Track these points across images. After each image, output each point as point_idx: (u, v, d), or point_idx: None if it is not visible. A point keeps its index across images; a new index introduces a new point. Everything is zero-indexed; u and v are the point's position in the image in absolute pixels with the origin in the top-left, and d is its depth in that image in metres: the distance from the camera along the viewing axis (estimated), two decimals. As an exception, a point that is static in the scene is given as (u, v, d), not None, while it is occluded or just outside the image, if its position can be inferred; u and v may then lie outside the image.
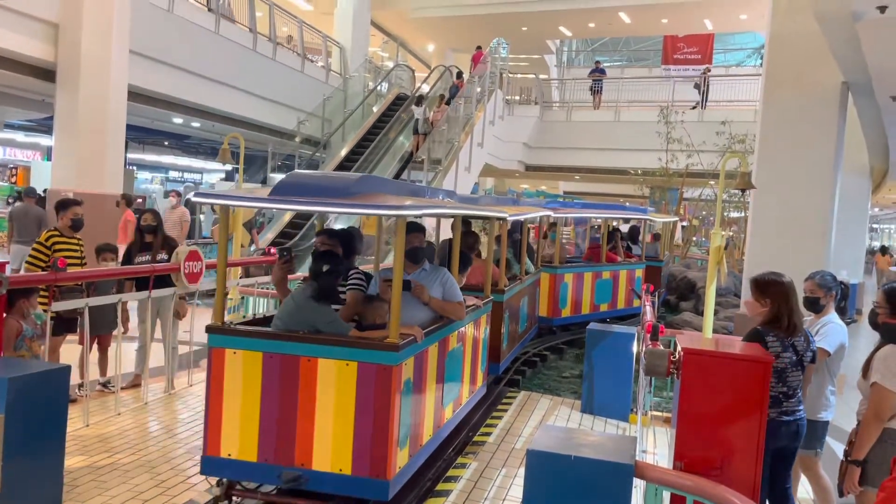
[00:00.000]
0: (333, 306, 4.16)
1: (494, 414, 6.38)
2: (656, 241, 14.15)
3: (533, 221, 9.72)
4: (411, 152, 16.66)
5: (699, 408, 3.40)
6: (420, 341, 4.09)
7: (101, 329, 6.14)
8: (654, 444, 5.79)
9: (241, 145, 7.90)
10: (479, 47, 20.07)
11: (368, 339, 3.85)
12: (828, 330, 4.23)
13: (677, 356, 3.67)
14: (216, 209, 9.73)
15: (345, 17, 20.56)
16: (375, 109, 18.84)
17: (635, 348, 6.42)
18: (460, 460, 5.15)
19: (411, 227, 4.56)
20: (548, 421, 6.31)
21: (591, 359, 6.60)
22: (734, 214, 19.55)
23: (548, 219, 10.33)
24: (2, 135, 21.25)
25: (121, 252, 6.78)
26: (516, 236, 8.56)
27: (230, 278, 7.49)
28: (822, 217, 10.13)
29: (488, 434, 5.80)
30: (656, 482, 3.21)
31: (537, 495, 3.06)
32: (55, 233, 6.15)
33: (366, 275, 4.75)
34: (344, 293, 4.49)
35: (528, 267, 8.64)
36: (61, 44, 11.44)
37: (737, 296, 13.06)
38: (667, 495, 3.35)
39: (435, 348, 4.47)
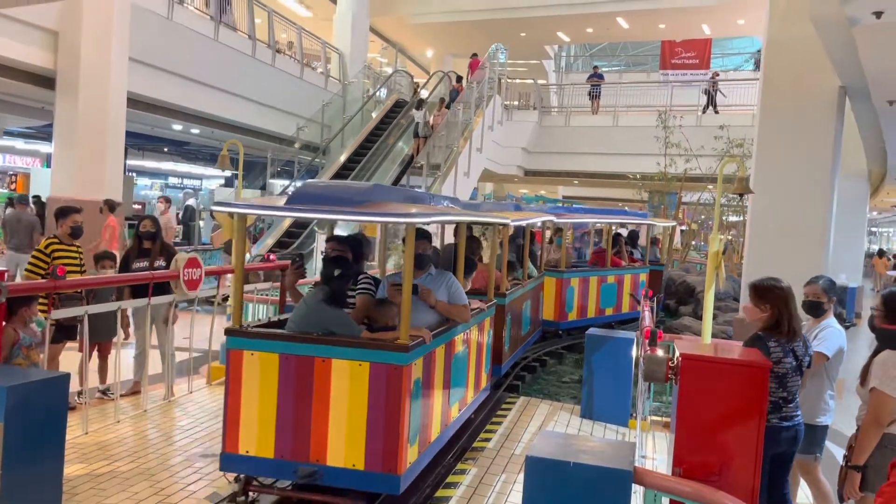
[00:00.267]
0: (344, 309, 4.30)
1: (494, 419, 6.38)
2: (653, 245, 14.17)
3: (535, 226, 9.78)
4: (412, 156, 16.69)
5: (698, 413, 3.41)
6: (428, 343, 4.24)
7: (101, 336, 6.15)
8: (654, 450, 5.79)
9: (241, 152, 7.90)
10: (474, 55, 20.09)
11: (380, 340, 4.01)
12: (826, 334, 4.23)
13: (675, 362, 3.68)
14: (215, 215, 9.69)
15: (344, 24, 20.59)
16: (374, 115, 18.86)
17: (635, 353, 6.42)
18: (460, 466, 5.15)
19: (418, 234, 4.71)
20: (547, 426, 6.31)
21: (591, 364, 6.60)
22: (733, 218, 19.55)
23: (552, 224, 10.40)
24: (1, 142, 21.25)
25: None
26: (519, 241, 8.68)
27: (229, 285, 7.49)
28: (821, 221, 10.14)
29: (488, 440, 5.80)
30: (655, 488, 3.21)
31: (537, 501, 3.07)
32: (55, 240, 6.15)
33: (374, 279, 4.93)
34: (353, 297, 4.63)
35: (530, 271, 8.74)
36: (61, 51, 11.47)
37: (736, 300, 13.06)
38: (666, 501, 3.35)
39: (442, 350, 4.63)
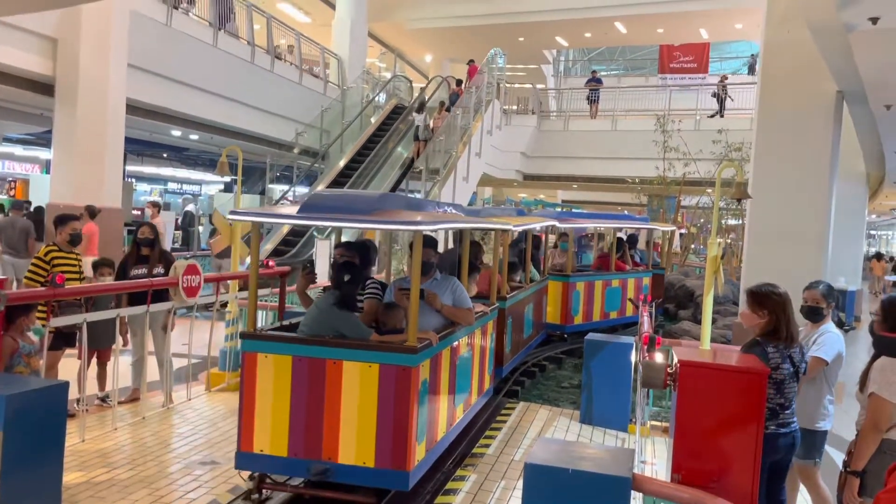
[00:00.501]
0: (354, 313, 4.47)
1: (493, 425, 6.38)
2: (638, 246, 14.21)
3: (535, 231, 9.91)
4: (412, 159, 16.73)
5: (696, 420, 3.41)
6: (435, 345, 4.39)
7: (99, 343, 6.14)
8: (654, 455, 5.78)
9: (240, 158, 7.91)
10: (471, 61, 20.13)
11: (389, 342, 4.19)
12: (825, 339, 4.24)
13: (674, 368, 3.68)
14: (214, 222, 9.70)
15: (342, 29, 20.61)
16: (373, 120, 18.89)
17: (634, 358, 6.42)
18: (459, 473, 5.14)
19: (425, 242, 4.87)
20: (547, 432, 6.31)
21: (590, 369, 6.60)
22: (732, 222, 19.57)
23: (555, 229, 10.56)
24: (1, 148, 21.27)
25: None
26: (522, 246, 8.82)
27: (230, 291, 7.49)
28: (819, 225, 10.15)
29: (487, 446, 5.79)
30: (654, 495, 3.21)
31: (536, 508, 3.06)
32: (54, 248, 6.15)
33: (381, 284, 5.11)
34: (361, 301, 4.78)
35: (533, 275, 8.87)
36: (60, 58, 11.48)
37: (735, 304, 13.06)
38: (665, 508, 3.35)
39: (448, 352, 4.80)
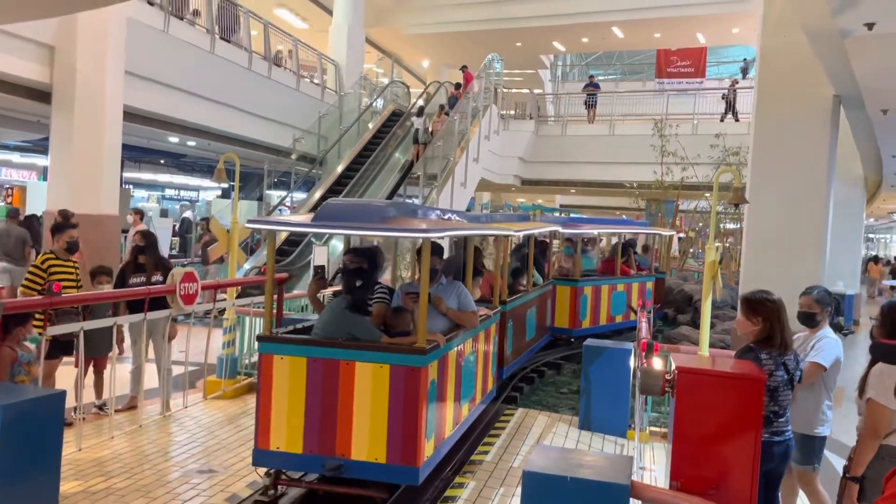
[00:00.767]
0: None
1: (492, 432, 6.36)
2: (645, 252, 14.24)
3: (543, 236, 10.20)
4: (411, 161, 16.76)
5: (694, 427, 3.39)
6: (442, 346, 4.59)
7: (97, 352, 6.11)
8: (653, 461, 5.77)
9: (237, 164, 7.91)
10: (464, 67, 20.13)
11: (399, 344, 4.40)
12: (823, 345, 4.23)
13: (672, 375, 3.67)
14: (211, 229, 9.69)
15: (339, 35, 20.64)
16: (371, 126, 18.90)
17: (632, 364, 6.41)
18: (458, 480, 5.13)
19: (432, 249, 5.03)
20: (546, 438, 6.29)
21: (589, 375, 6.59)
22: (730, 226, 19.58)
23: (559, 234, 10.67)
24: (-2, 155, 21.28)
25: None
26: (524, 251, 8.96)
27: (228, 298, 7.48)
28: (817, 229, 10.15)
29: (486, 452, 5.78)
30: (653, 502, 3.20)
31: (534, 516, 3.06)
32: (51, 255, 6.14)
33: (389, 288, 5.30)
34: (371, 305, 4.95)
35: (536, 279, 9.01)
36: (57, 66, 11.47)
37: (734, 308, 13.07)
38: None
39: (454, 353, 4.99)
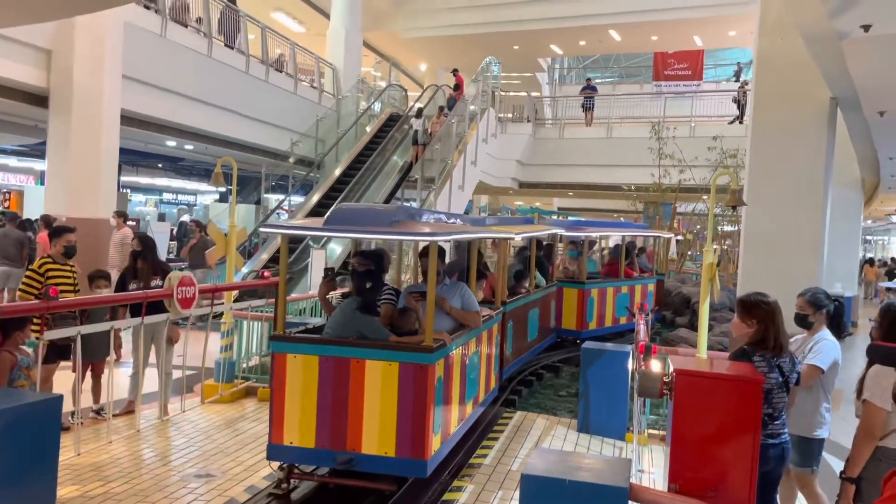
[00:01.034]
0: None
1: (490, 435, 6.35)
2: (640, 255, 14.25)
3: (544, 239, 10.30)
4: (410, 162, 16.80)
5: (693, 429, 3.39)
6: (448, 345, 4.75)
7: (94, 356, 6.10)
8: (651, 463, 5.76)
9: (234, 168, 7.90)
10: (455, 70, 20.16)
11: (407, 343, 4.58)
12: (820, 347, 4.23)
13: (670, 377, 3.67)
14: (209, 232, 9.72)
15: (337, 39, 20.66)
16: (368, 129, 18.90)
17: (631, 366, 6.40)
18: (456, 483, 5.12)
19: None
20: (544, 441, 6.28)
21: (587, 377, 6.59)
22: (728, 228, 19.60)
23: (562, 237, 10.76)
24: (-5, 160, 21.27)
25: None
26: (527, 253, 9.11)
27: (226, 302, 7.46)
28: (814, 231, 10.17)
29: (484, 456, 5.77)
30: (651, 505, 3.19)
31: (532, 520, 3.05)
32: (48, 260, 6.13)
33: (395, 290, 5.48)
34: (379, 306, 5.12)
35: (539, 281, 9.12)
36: (54, 70, 11.48)
37: (732, 311, 13.05)
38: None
39: (459, 352, 5.15)
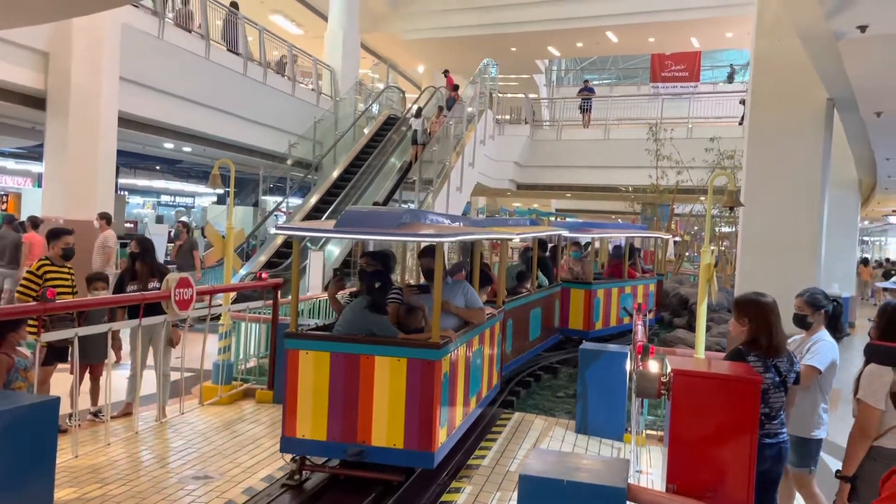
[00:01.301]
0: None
1: (489, 436, 6.35)
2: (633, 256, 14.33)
3: (551, 241, 10.43)
4: (409, 162, 16.86)
5: (690, 429, 3.39)
6: (454, 342, 4.95)
7: (92, 358, 6.10)
8: (650, 464, 5.77)
9: (232, 170, 7.90)
10: (446, 72, 20.20)
11: (415, 340, 4.79)
12: (818, 348, 4.23)
13: (668, 377, 3.67)
14: (207, 234, 9.73)
15: (335, 41, 20.67)
16: (366, 131, 18.91)
17: (629, 367, 6.41)
18: (454, 485, 5.12)
19: (432, 252, 5.42)
20: (542, 442, 6.28)
21: (585, 378, 6.58)
22: (725, 229, 19.63)
23: (564, 238, 10.85)
24: (-8, 162, 21.24)
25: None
26: (529, 254, 9.29)
27: (224, 304, 7.46)
28: (811, 231, 10.20)
29: (483, 457, 5.76)
30: (649, 505, 3.19)
31: (531, 520, 3.06)
32: (46, 262, 6.12)
33: (402, 290, 5.62)
34: (388, 305, 5.27)
35: (541, 281, 9.22)
36: (51, 72, 11.48)
37: (729, 311, 13.07)
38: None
39: (463, 349, 5.34)
